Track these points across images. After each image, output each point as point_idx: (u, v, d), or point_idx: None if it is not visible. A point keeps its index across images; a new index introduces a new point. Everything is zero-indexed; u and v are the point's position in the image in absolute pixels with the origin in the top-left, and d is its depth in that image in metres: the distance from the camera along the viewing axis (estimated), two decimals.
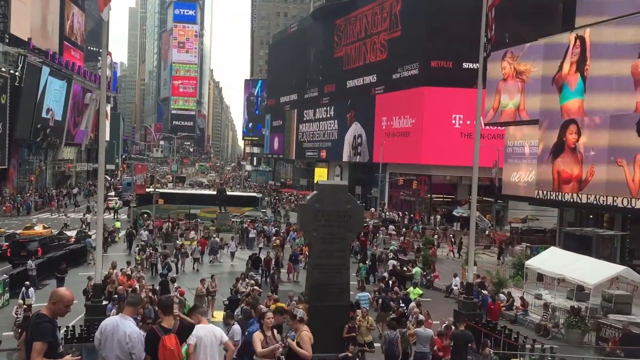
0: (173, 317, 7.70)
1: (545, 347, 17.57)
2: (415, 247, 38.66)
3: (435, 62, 58.41)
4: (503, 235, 46.20)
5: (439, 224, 53.29)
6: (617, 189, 33.19)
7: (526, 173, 42.21)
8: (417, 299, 21.64)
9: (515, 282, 28.32)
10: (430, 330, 15.09)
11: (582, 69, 36.18)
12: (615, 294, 24.34)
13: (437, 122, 57.34)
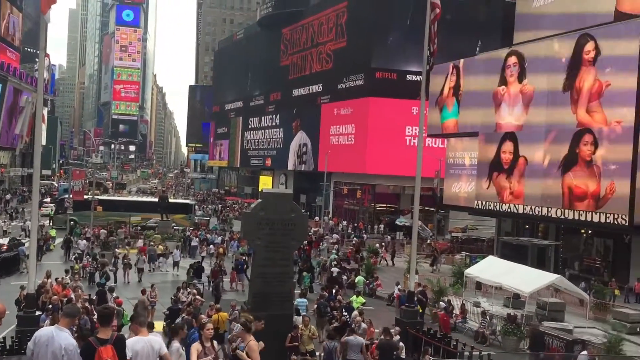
0: (111, 328, 7.49)
1: (483, 354, 18.00)
2: (359, 255, 38.97)
3: (380, 73, 59.31)
4: (444, 244, 47.19)
5: (382, 233, 53.92)
6: (553, 201, 34.49)
7: (466, 184, 43.34)
8: (359, 308, 21.79)
9: (455, 290, 28.94)
10: (360, 338, 15.26)
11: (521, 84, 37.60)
12: (549, 301, 25.21)
13: (382, 132, 58.15)
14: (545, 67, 35.67)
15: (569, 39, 34.56)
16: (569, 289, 26.25)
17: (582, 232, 36.98)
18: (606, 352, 18.81)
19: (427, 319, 23.95)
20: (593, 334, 21.98)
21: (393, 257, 40.53)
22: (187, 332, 11.24)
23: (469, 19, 56.22)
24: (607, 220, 31.02)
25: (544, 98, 35.57)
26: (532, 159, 36.29)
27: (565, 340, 19.81)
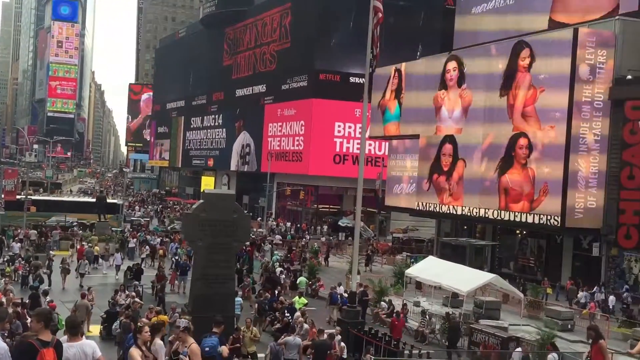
0: (51, 331, 7.23)
1: (422, 352, 18.37)
2: (302, 256, 39.00)
3: (324, 75, 59.59)
4: (385, 245, 47.84)
5: (325, 234, 54.18)
6: (489, 202, 35.55)
7: (407, 185, 44.10)
8: (302, 309, 21.82)
9: (396, 290, 29.38)
10: (298, 339, 15.39)
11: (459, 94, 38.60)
12: (485, 300, 25.94)
13: (325, 134, 58.45)
14: (483, 73, 36.74)
15: (506, 46, 35.74)
16: (504, 287, 27.11)
17: (517, 233, 38.27)
18: (539, 349, 19.49)
19: (368, 318, 24.21)
20: (527, 331, 22.75)
21: (327, 258, 40.63)
22: (166, 332, 11.08)
23: (409, 25, 57.24)
24: (541, 221, 32.22)
25: (481, 102, 36.63)
26: (470, 161, 37.29)
27: (500, 338, 20.43)
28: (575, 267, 33.71)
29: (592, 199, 31.48)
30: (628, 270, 31.61)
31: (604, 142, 31.55)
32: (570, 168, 31.06)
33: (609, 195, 31.46)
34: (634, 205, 30.32)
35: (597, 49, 31.20)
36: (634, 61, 31.15)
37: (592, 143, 31.45)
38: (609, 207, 31.41)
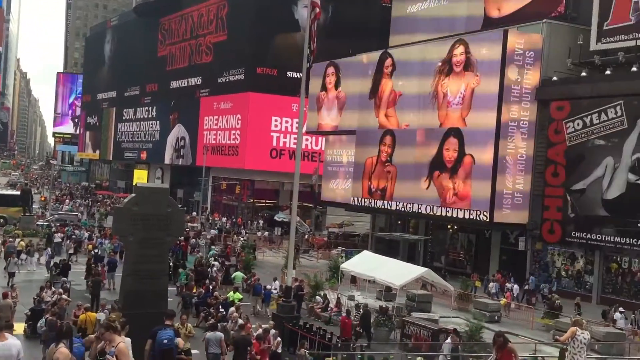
0: None
1: (356, 345, 18.60)
2: (237, 251, 38.68)
3: (261, 68, 59.20)
4: (321, 240, 48.15)
5: (261, 228, 53.94)
6: (422, 198, 36.35)
7: (343, 181, 44.51)
8: (237, 304, 21.66)
9: (331, 284, 29.62)
10: (220, 333, 15.43)
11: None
12: (417, 293, 26.53)
13: (261, 128, 58.14)
14: (416, 70, 37.48)
15: (441, 44, 36.59)
16: (436, 281, 27.81)
17: (448, 228, 39.34)
18: (468, 339, 20.11)
19: (303, 313, 24.30)
20: (456, 323, 23.42)
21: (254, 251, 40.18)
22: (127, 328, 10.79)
23: (346, 20, 57.67)
24: (471, 216, 33.24)
25: (414, 99, 37.37)
26: (405, 157, 38.00)
27: (431, 330, 20.96)
28: (502, 261, 34.98)
29: (519, 196, 32.73)
30: (551, 264, 33.09)
31: (531, 141, 32.85)
32: (499, 165, 32.17)
33: (535, 191, 32.80)
34: (558, 202, 31.76)
35: (526, 50, 32.40)
36: (559, 63, 32.53)
37: (519, 141, 32.68)
38: (534, 203, 32.75)
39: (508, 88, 32.18)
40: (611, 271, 30.54)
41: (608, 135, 29.88)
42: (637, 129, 28.72)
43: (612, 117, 29.70)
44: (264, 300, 25.19)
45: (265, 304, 25.18)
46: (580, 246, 31.37)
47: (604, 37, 31.59)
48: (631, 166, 28.87)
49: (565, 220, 31.38)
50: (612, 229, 29.53)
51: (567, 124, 31.49)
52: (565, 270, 32.40)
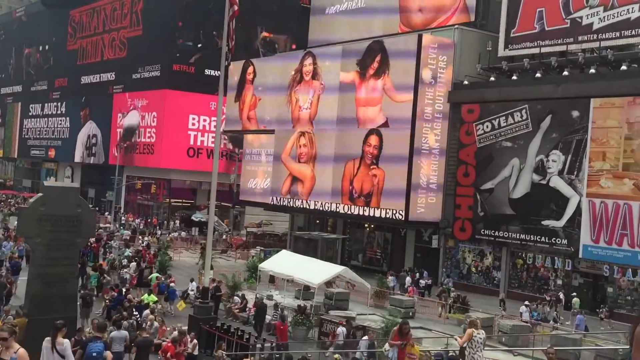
0: None
1: (274, 345, 18.58)
2: (152, 252, 37.64)
3: (178, 65, 57.92)
4: (239, 239, 47.75)
5: (177, 229, 52.81)
6: (340, 196, 36.83)
7: (262, 180, 44.35)
8: (152, 306, 21.12)
9: (250, 284, 29.44)
10: (124, 331, 15.26)
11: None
12: (335, 291, 26.86)
13: (178, 126, 56.88)
14: (335, 69, 37.93)
15: (358, 45, 37.23)
16: (353, 279, 28.25)
17: (365, 227, 40.08)
18: (383, 336, 20.56)
19: (221, 313, 24.03)
20: (373, 320, 23.92)
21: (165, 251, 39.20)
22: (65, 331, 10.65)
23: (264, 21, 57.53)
24: (387, 215, 34.02)
25: (334, 101, 37.81)
26: (323, 155, 38.35)
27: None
28: (417, 258, 36.04)
29: (432, 195, 33.84)
30: (462, 260, 34.44)
31: (444, 142, 34.05)
32: (414, 165, 33.11)
33: (447, 191, 34.03)
34: (469, 201, 33.09)
35: (439, 55, 33.54)
36: (469, 68, 33.91)
37: (433, 143, 33.78)
38: (446, 202, 33.97)
39: (422, 91, 33.17)
40: (517, 267, 32.16)
41: (514, 137, 31.44)
42: (540, 132, 30.41)
43: (518, 120, 31.28)
44: (168, 299, 24.87)
45: (170, 302, 24.91)
46: (489, 243, 32.83)
47: (510, 44, 33.22)
48: (535, 167, 30.53)
49: (475, 219, 32.75)
50: (517, 227, 31.10)
51: (477, 126, 32.87)
52: (475, 266, 33.81)
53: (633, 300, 27.70)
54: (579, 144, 28.92)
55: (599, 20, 29.61)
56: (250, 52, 51.49)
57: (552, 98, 30.13)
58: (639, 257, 26.58)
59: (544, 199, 30.12)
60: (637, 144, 26.99)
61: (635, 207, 26.70)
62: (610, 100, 28.09)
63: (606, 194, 27.76)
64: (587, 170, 28.48)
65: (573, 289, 29.95)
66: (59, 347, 10.49)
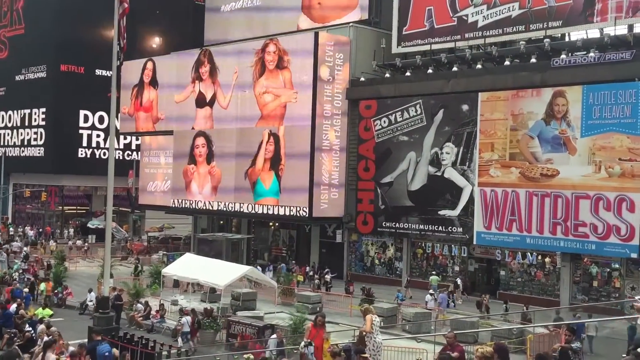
0: None
1: (181, 351, 18.14)
2: (46, 263, 35.59)
3: (66, 66, 54.91)
4: (140, 245, 46.17)
5: (72, 237, 50.20)
6: (244, 196, 36.54)
7: (162, 182, 43.12)
8: (46, 320, 19.93)
9: (153, 290, 28.56)
10: (16, 348, 14.64)
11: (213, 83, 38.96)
12: (242, 292, 26.63)
13: (69, 129, 53.99)
14: (232, 67, 37.53)
15: (255, 43, 37.06)
16: (260, 278, 28.14)
17: (270, 225, 40.02)
18: (292, 333, 20.64)
19: (123, 323, 23.13)
20: (281, 318, 23.95)
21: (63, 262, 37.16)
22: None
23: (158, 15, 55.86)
24: (291, 212, 34.16)
25: (233, 99, 37.43)
26: (224, 156, 37.86)
27: (257, 327, 21.17)
28: (322, 254, 36.46)
29: (335, 190, 34.35)
30: (366, 253, 35.24)
31: (344, 138, 34.64)
32: (316, 162, 33.44)
33: (349, 186, 34.67)
34: (370, 195, 33.90)
35: (336, 52, 34.06)
36: (365, 65, 34.70)
37: (333, 139, 34.28)
38: (349, 197, 34.61)
39: (321, 88, 33.55)
40: (417, 256, 33.36)
41: (410, 131, 32.55)
42: (434, 126, 31.68)
43: (413, 114, 32.41)
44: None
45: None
46: (390, 235, 33.81)
47: (403, 41, 34.34)
48: (430, 159, 31.77)
49: (377, 212, 33.60)
50: (416, 218, 32.25)
51: (374, 121, 33.71)
52: (378, 258, 34.70)
53: (523, 281, 29.56)
54: (470, 136, 30.41)
55: (483, 18, 31.27)
56: (146, 51, 49.82)
57: (443, 93, 31.46)
58: (527, 240, 28.39)
59: (440, 189, 31.43)
60: (521, 135, 28.76)
61: (522, 193, 28.47)
62: (496, 93, 29.75)
63: (496, 182, 29.40)
64: (477, 161, 30.01)
65: (469, 274, 31.52)
66: None
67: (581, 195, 26.82)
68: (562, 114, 27.54)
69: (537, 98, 28.44)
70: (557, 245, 27.62)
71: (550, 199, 27.65)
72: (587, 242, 26.70)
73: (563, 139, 27.50)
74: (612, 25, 27.82)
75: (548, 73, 28.09)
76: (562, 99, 27.57)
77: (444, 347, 11.72)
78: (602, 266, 27.38)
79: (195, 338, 21.61)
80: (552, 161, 27.83)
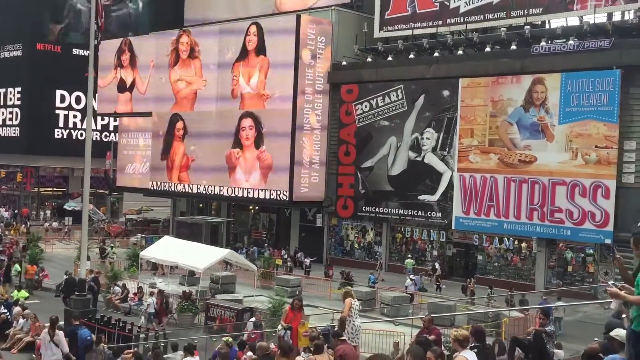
0: None
1: (159, 333, 18.10)
2: (22, 244, 35.12)
3: (42, 45, 53.81)
4: (118, 227, 45.80)
5: (49, 219, 49.60)
6: (223, 179, 36.38)
7: (141, 164, 42.70)
8: (21, 302, 19.77)
9: (131, 273, 28.40)
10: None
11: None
12: (221, 275, 26.59)
13: (45, 109, 53.06)
14: (214, 49, 37.14)
15: (237, 27, 36.67)
16: (239, 261, 28.12)
17: (250, 209, 39.93)
18: (271, 316, 20.69)
19: (100, 305, 22.99)
20: (260, 301, 23.98)
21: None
22: None
23: None
24: (272, 196, 34.10)
25: (214, 79, 37.10)
26: (203, 139, 37.58)
27: (235, 310, 21.18)
28: (302, 238, 36.50)
29: (315, 174, 34.34)
30: (346, 237, 35.36)
31: (325, 122, 34.57)
32: (296, 146, 33.36)
33: (329, 170, 34.68)
34: (350, 179, 33.95)
35: (317, 36, 33.85)
36: (347, 49, 34.55)
37: (314, 123, 34.20)
38: (329, 181, 34.63)
39: (302, 72, 33.36)
40: (397, 241, 33.57)
41: (391, 116, 32.58)
42: (415, 111, 31.74)
43: (394, 99, 32.42)
44: None
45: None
46: (370, 219, 33.94)
47: (385, 26, 34.22)
48: (411, 145, 31.88)
49: (357, 196, 33.69)
50: (396, 202, 32.42)
51: (356, 106, 33.67)
52: (358, 242, 34.86)
53: (500, 266, 29.95)
54: (450, 122, 30.54)
55: (465, 4, 31.25)
56: (125, 30, 48.98)
57: (424, 78, 31.49)
58: (504, 225, 28.72)
59: (420, 175, 31.58)
60: (500, 121, 28.96)
61: (500, 179, 28.73)
62: (477, 80, 29.85)
63: (475, 168, 29.62)
64: (457, 147, 30.18)
65: (447, 258, 31.83)
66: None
67: (558, 181, 27.15)
68: (541, 101, 27.77)
69: (516, 85, 28.62)
70: (533, 231, 27.99)
71: (527, 185, 27.96)
72: (562, 228, 27.09)
73: (541, 126, 27.76)
74: (591, 13, 28.00)
75: (528, 60, 28.25)
76: (541, 86, 27.78)
77: (420, 330, 11.83)
78: (576, 251, 27.84)
79: (164, 319, 21.54)
80: (530, 147, 28.10)
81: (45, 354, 12.87)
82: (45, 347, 12.89)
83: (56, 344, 12.82)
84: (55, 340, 12.84)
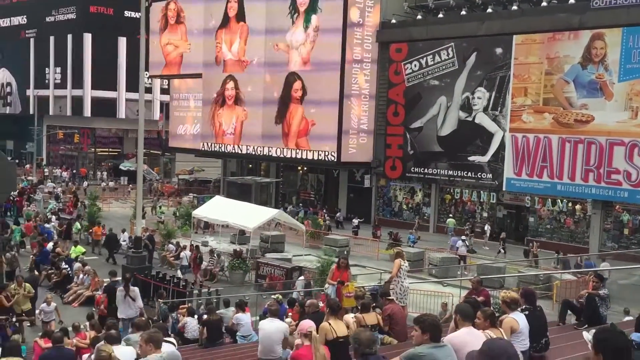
0: None
1: (212, 290, 18.67)
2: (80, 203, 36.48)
3: (95, 7, 54.80)
4: (171, 187, 46.98)
5: (105, 179, 51.31)
6: (273, 140, 36.64)
7: (192, 125, 43.39)
8: (80, 258, 20.66)
9: (184, 231, 29.20)
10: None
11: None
12: (271, 234, 27.05)
13: (101, 72, 54.37)
14: (262, 14, 36.90)
15: None
16: (287, 221, 28.50)
17: (298, 169, 40.20)
18: (319, 275, 21.00)
19: (155, 262, 23.81)
20: (309, 260, 24.34)
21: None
22: None
23: None
24: (320, 157, 34.19)
25: (261, 43, 37.00)
26: (252, 99, 37.77)
27: (285, 269, 21.59)
28: (350, 199, 36.61)
29: (364, 136, 34.16)
30: (394, 198, 35.28)
31: (373, 83, 34.15)
32: (345, 107, 33.16)
33: (378, 131, 34.41)
34: (398, 140, 33.63)
35: None
36: (397, 6, 33.77)
37: (363, 83, 33.83)
38: (377, 142, 34.41)
39: (351, 30, 32.90)
40: (445, 202, 33.27)
41: (441, 75, 31.90)
42: (466, 70, 30.96)
43: (445, 58, 31.67)
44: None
45: None
46: (418, 180, 33.69)
47: None
48: (461, 104, 31.22)
49: (405, 157, 33.42)
50: (445, 163, 32.01)
51: (405, 65, 33.08)
52: (406, 203, 34.73)
53: (552, 228, 29.37)
54: (502, 81, 29.69)
55: None
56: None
57: (476, 35, 30.55)
58: (557, 187, 28.04)
59: (470, 135, 30.99)
60: (556, 79, 27.97)
61: (554, 140, 27.92)
62: (532, 36, 28.80)
63: (528, 128, 28.84)
64: (509, 106, 29.39)
65: (498, 220, 31.41)
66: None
67: (616, 141, 26.20)
68: (600, 57, 26.62)
69: (574, 41, 27.47)
70: (588, 193, 27.23)
71: (583, 146, 27.09)
72: (619, 190, 26.26)
73: (600, 84, 26.68)
74: None
75: (587, 14, 27.00)
76: (600, 42, 26.59)
77: (469, 292, 11.81)
78: (633, 214, 27.00)
79: (198, 273, 22.06)
80: (587, 107, 27.12)
81: (121, 309, 13.38)
82: (122, 303, 13.40)
83: (132, 298, 13.38)
84: (131, 295, 13.39)
